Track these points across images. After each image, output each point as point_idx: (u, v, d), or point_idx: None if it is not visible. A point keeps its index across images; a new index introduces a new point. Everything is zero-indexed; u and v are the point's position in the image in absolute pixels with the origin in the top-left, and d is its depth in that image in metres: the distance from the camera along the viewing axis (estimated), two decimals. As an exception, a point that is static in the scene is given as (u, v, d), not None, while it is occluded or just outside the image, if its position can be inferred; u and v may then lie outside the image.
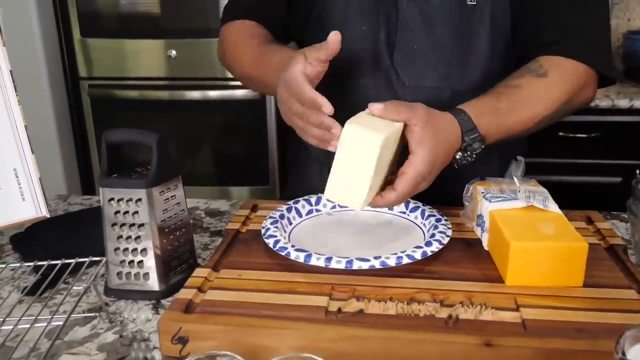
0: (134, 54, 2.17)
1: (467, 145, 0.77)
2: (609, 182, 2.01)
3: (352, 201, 0.69)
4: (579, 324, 0.60)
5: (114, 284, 0.74)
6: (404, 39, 0.91)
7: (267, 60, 0.90)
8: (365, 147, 0.66)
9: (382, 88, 0.93)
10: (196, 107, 2.21)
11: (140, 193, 0.71)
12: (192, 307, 0.64)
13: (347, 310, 0.63)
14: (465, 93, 0.92)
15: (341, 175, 0.68)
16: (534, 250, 0.66)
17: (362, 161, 0.67)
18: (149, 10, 2.15)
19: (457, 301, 0.64)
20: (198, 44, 2.11)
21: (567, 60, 0.87)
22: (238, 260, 0.74)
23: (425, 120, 0.72)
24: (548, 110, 0.85)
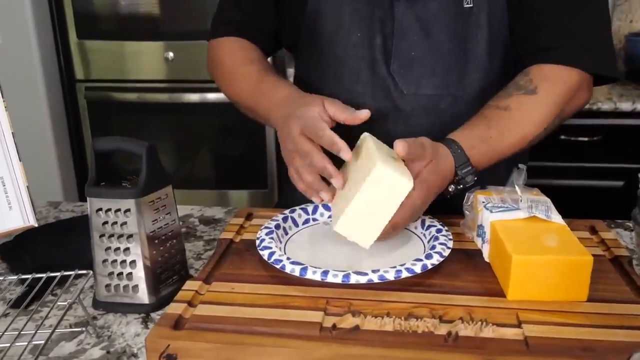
0: (132, 56, 2.15)
1: (459, 179, 0.78)
2: (611, 186, 1.98)
3: (363, 239, 0.69)
4: (585, 342, 0.57)
5: (103, 296, 0.71)
6: (400, 46, 0.88)
7: (268, 93, 0.88)
8: (392, 190, 0.67)
9: (380, 96, 0.90)
10: (195, 110, 2.19)
11: (129, 203, 0.68)
12: (182, 322, 0.62)
13: (343, 326, 0.61)
14: (464, 99, 0.90)
15: (359, 211, 0.67)
16: (536, 263, 0.63)
17: (385, 203, 0.67)
18: (146, 11, 2.13)
19: (457, 317, 0.62)
20: (196, 45, 2.08)
21: (561, 68, 0.85)
22: (231, 273, 0.72)
23: (430, 159, 0.73)
24: (539, 129, 0.84)
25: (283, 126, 0.78)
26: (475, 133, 0.81)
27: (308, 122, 0.74)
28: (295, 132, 0.75)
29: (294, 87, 0.87)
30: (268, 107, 0.86)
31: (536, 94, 0.83)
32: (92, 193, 0.69)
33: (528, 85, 0.84)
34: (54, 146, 2.19)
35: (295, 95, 0.83)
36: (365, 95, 0.90)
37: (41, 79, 2.12)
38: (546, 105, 0.84)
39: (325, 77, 0.93)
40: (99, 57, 2.17)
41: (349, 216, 0.68)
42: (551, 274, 0.63)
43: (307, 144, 0.74)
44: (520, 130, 0.83)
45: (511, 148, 0.83)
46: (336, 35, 0.91)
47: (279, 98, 0.85)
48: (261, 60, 0.97)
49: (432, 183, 0.74)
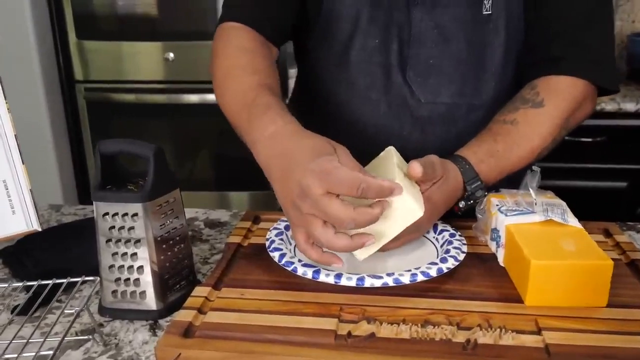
0: (131, 56, 2.13)
1: (469, 195, 0.77)
2: (614, 187, 1.97)
3: (359, 251, 0.67)
4: (606, 349, 0.56)
5: (109, 302, 0.70)
6: (418, 54, 0.86)
7: (257, 121, 0.72)
8: (402, 213, 0.65)
9: (394, 104, 0.88)
10: (194, 111, 2.17)
11: (136, 207, 0.67)
12: (192, 330, 0.60)
13: (358, 334, 0.59)
14: (479, 107, 0.88)
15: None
16: (555, 269, 0.62)
17: (391, 222, 0.65)
18: (146, 12, 2.11)
19: (475, 324, 0.60)
20: (196, 46, 2.08)
21: (568, 79, 0.84)
22: (240, 278, 0.70)
23: (439, 178, 0.72)
24: (546, 141, 0.83)
25: (286, 182, 0.63)
26: (483, 148, 0.80)
27: (340, 178, 0.59)
28: (317, 192, 0.59)
29: (286, 116, 0.71)
30: (253, 140, 0.71)
31: (543, 107, 0.82)
32: (98, 197, 0.68)
33: (535, 99, 0.83)
34: (53, 148, 2.17)
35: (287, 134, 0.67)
36: (379, 102, 0.89)
37: (40, 79, 2.10)
38: (553, 118, 0.83)
39: (339, 82, 0.91)
40: (99, 58, 2.15)
41: None
42: (570, 279, 0.62)
43: (335, 205, 0.59)
44: (528, 144, 0.82)
45: (520, 161, 0.83)
46: (352, 40, 0.88)
47: (269, 133, 0.69)
48: (266, 68, 0.82)
49: (439, 201, 0.73)
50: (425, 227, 0.75)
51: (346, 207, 0.59)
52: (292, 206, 0.63)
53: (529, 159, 0.83)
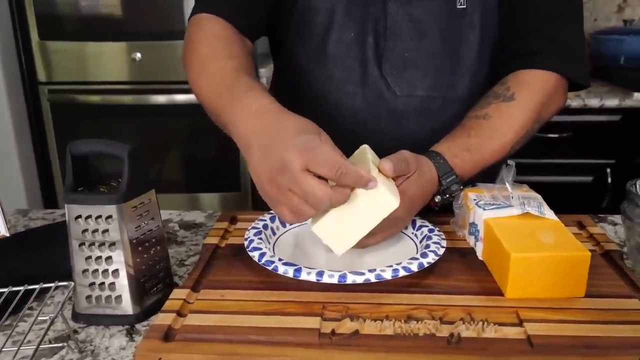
0: (97, 57, 2.08)
1: (445, 189, 0.77)
2: (580, 181, 2.02)
3: (337, 245, 0.67)
4: (587, 338, 0.57)
5: (83, 308, 0.67)
6: (393, 47, 0.87)
7: (237, 100, 0.71)
8: (377, 206, 0.65)
9: (371, 97, 0.88)
10: (163, 112, 2.13)
11: (110, 209, 0.65)
12: (172, 334, 0.59)
13: (342, 331, 0.59)
14: (454, 101, 0.89)
15: (340, 217, 0.65)
16: (535, 261, 0.62)
17: (368, 215, 0.65)
18: (111, 11, 2.06)
19: (457, 318, 0.60)
20: (164, 46, 2.04)
21: (540, 72, 0.85)
22: (219, 279, 0.69)
23: (413, 172, 0.72)
24: (519, 134, 0.84)
25: (266, 158, 0.62)
26: (457, 143, 0.81)
27: (321, 157, 0.60)
28: (296, 167, 0.59)
29: (270, 97, 0.70)
30: (233, 120, 0.69)
31: (514, 100, 0.84)
32: (70, 199, 0.65)
33: (505, 93, 0.84)
34: (16, 152, 2.10)
35: (272, 111, 0.67)
36: (356, 95, 0.89)
37: (2, 81, 2.03)
38: (525, 111, 0.84)
39: (315, 76, 0.90)
40: (62, 59, 2.09)
41: (330, 220, 0.66)
42: (550, 270, 0.62)
43: (312, 182, 0.60)
44: (502, 137, 0.83)
45: (494, 155, 0.83)
46: (328, 34, 0.88)
47: (254, 109, 0.68)
48: (243, 56, 0.81)
49: (415, 196, 0.73)
50: (404, 222, 0.75)
51: (323, 184, 0.60)
52: (269, 182, 0.62)
53: (502, 152, 0.84)
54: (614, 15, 2.33)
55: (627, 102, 1.90)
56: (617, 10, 2.33)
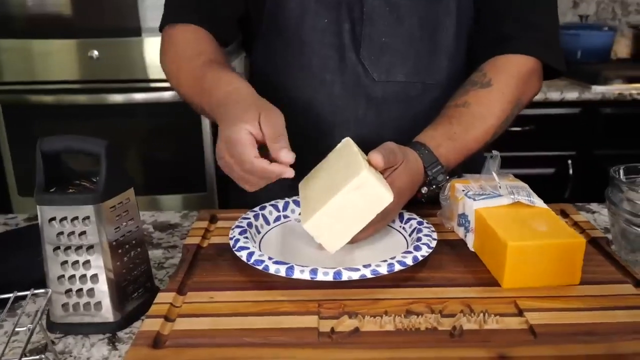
0: (49, 55, 1.99)
1: (431, 179, 0.76)
2: (542, 173, 2.06)
3: (330, 243, 0.66)
4: (588, 325, 0.56)
5: (59, 317, 0.63)
6: (370, 32, 0.85)
7: (209, 91, 0.76)
8: (371, 200, 0.64)
9: (350, 84, 0.87)
10: (120, 111, 2.05)
11: (87, 210, 0.60)
12: (162, 340, 0.55)
13: (341, 329, 0.57)
14: (434, 87, 0.88)
15: (332, 214, 0.64)
16: (531, 249, 0.62)
17: (360, 211, 0.64)
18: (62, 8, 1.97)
19: (457, 310, 0.59)
20: (122, 43, 1.96)
21: (516, 57, 0.86)
22: (206, 280, 0.66)
23: (399, 163, 0.71)
24: (500, 119, 0.84)
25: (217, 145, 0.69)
26: (439, 132, 0.80)
27: (236, 150, 0.65)
28: (225, 157, 0.67)
29: (236, 82, 0.75)
30: (210, 109, 0.76)
31: (491, 86, 0.83)
32: (43, 200, 0.61)
33: (482, 80, 0.84)
34: (-35, 155, 1.99)
35: (232, 100, 0.72)
36: (334, 83, 0.87)
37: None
38: (503, 96, 0.84)
39: (291, 65, 0.88)
40: (13, 57, 1.98)
41: (322, 217, 0.64)
42: (546, 259, 0.62)
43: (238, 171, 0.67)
44: (483, 124, 0.83)
45: (477, 142, 0.83)
46: (302, 21, 0.86)
47: (217, 99, 0.74)
48: (211, 51, 0.85)
49: (403, 187, 0.72)
50: (393, 215, 0.74)
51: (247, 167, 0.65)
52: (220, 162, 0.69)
53: (485, 138, 0.83)
54: (570, 10, 2.39)
55: (586, 95, 1.95)
56: (573, 6, 2.39)
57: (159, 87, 1.97)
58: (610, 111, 2.00)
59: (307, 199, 0.70)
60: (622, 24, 2.42)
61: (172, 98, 1.95)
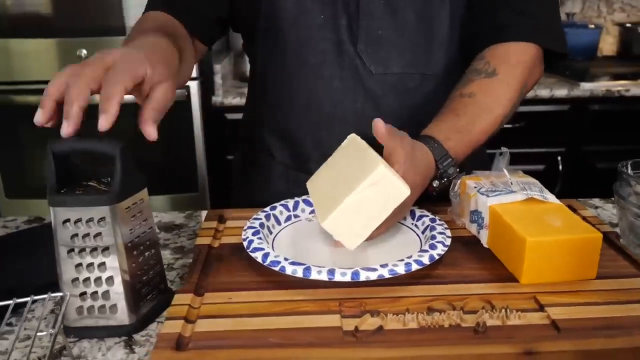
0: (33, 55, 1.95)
1: (442, 172, 0.76)
2: (532, 170, 2.07)
3: (349, 240, 0.65)
4: (609, 319, 0.57)
5: (73, 320, 0.61)
6: (366, 26, 0.85)
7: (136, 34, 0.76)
8: (389, 195, 0.63)
9: (348, 78, 0.87)
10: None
11: (103, 211, 0.59)
12: (184, 342, 0.54)
13: (364, 328, 0.56)
14: (431, 78, 0.89)
15: (351, 211, 0.63)
16: (550, 245, 0.62)
17: (379, 206, 0.64)
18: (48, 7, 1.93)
19: (479, 307, 0.59)
20: (110, 42, 1.94)
21: (517, 45, 0.86)
22: (222, 281, 0.65)
23: (408, 153, 0.70)
24: (507, 109, 0.84)
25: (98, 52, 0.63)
26: (447, 125, 0.80)
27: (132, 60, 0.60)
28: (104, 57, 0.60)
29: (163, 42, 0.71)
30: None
31: (497, 75, 0.83)
32: (56, 202, 0.59)
33: (487, 68, 0.84)
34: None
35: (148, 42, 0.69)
36: (333, 78, 0.87)
37: None
38: (508, 85, 0.84)
39: (290, 63, 0.88)
40: (-2, 57, 1.95)
41: (340, 214, 0.63)
42: (564, 254, 0.62)
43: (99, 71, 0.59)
44: (490, 114, 0.83)
45: (484, 133, 0.83)
46: (298, 19, 0.86)
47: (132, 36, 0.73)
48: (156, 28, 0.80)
49: (415, 182, 0.71)
50: (406, 209, 0.74)
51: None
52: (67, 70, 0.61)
53: (493, 128, 0.84)
54: (555, 9, 2.42)
55: (575, 92, 1.98)
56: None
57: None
58: (599, 108, 2.03)
59: (321, 198, 0.70)
60: (607, 22, 2.46)
61: (161, 98, 1.93)
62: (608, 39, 2.48)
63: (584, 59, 2.28)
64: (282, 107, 0.92)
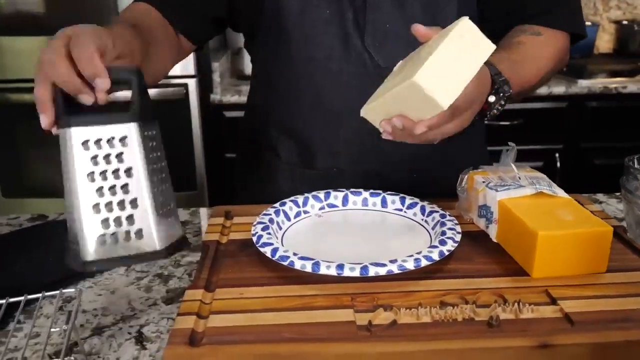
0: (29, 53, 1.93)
1: (498, 87, 0.73)
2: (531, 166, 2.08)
3: (442, 96, 0.59)
4: (621, 312, 0.57)
5: (94, 253, 0.57)
6: (373, 19, 0.85)
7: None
8: (475, 49, 0.60)
9: (357, 72, 0.87)
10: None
11: (126, 129, 0.57)
12: (197, 337, 0.54)
13: (378, 322, 0.56)
14: None
15: (441, 64, 0.59)
16: (561, 239, 0.62)
17: (466, 61, 0.60)
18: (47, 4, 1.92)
19: (491, 301, 0.59)
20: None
21: (549, 31, 0.89)
22: (232, 277, 0.64)
23: None
24: (549, 65, 0.88)
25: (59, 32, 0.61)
26: (499, 54, 0.77)
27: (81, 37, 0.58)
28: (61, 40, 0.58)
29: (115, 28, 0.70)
30: None
31: (542, 35, 0.87)
32: (73, 122, 0.56)
33: (532, 30, 0.87)
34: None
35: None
36: (341, 72, 0.86)
37: None
38: (551, 46, 0.88)
39: (296, 59, 0.87)
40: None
41: (432, 66, 0.59)
42: (575, 247, 0.62)
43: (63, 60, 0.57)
44: (536, 63, 0.85)
45: (530, 77, 0.84)
46: (304, 16, 0.85)
47: None
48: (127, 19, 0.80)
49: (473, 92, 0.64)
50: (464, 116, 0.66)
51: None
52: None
53: (536, 77, 0.86)
54: (552, 6, 2.43)
55: (573, 89, 1.99)
56: (555, 2, 2.42)
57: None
58: (596, 105, 2.04)
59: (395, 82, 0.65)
60: (603, 19, 2.47)
61: (159, 96, 1.93)
62: (604, 36, 2.49)
63: (581, 56, 2.29)
64: (289, 105, 0.91)
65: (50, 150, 2.22)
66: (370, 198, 0.81)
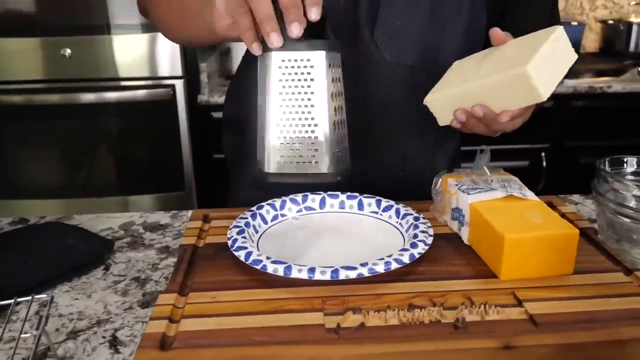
0: (17, 54, 1.94)
1: None
2: (517, 166, 2.10)
3: (544, 87, 0.68)
4: (587, 313, 0.58)
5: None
6: (386, 13, 0.87)
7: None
8: (564, 54, 0.70)
9: (361, 64, 0.88)
10: (92, 111, 2.01)
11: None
12: (168, 342, 0.55)
13: (347, 325, 0.57)
14: (437, 77, 0.89)
15: (544, 59, 0.67)
16: (528, 241, 0.63)
17: (558, 63, 0.69)
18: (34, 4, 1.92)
19: (458, 303, 0.60)
20: (94, 41, 1.93)
21: None
22: (207, 281, 0.65)
23: None
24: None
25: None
26: None
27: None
28: None
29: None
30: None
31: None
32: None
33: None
34: None
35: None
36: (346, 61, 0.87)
37: None
38: None
39: None
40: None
41: (539, 60, 0.67)
42: (542, 250, 0.63)
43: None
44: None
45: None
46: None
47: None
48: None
49: None
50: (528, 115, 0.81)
51: None
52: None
53: None
54: (539, 6, 2.44)
55: (559, 89, 1.98)
56: (542, 2, 2.44)
57: (131, 86, 1.94)
58: (582, 104, 2.05)
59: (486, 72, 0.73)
60: (589, 19, 2.49)
61: (146, 97, 1.93)
62: (591, 36, 2.50)
63: (567, 55, 2.31)
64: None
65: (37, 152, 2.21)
66: (347, 201, 0.82)
